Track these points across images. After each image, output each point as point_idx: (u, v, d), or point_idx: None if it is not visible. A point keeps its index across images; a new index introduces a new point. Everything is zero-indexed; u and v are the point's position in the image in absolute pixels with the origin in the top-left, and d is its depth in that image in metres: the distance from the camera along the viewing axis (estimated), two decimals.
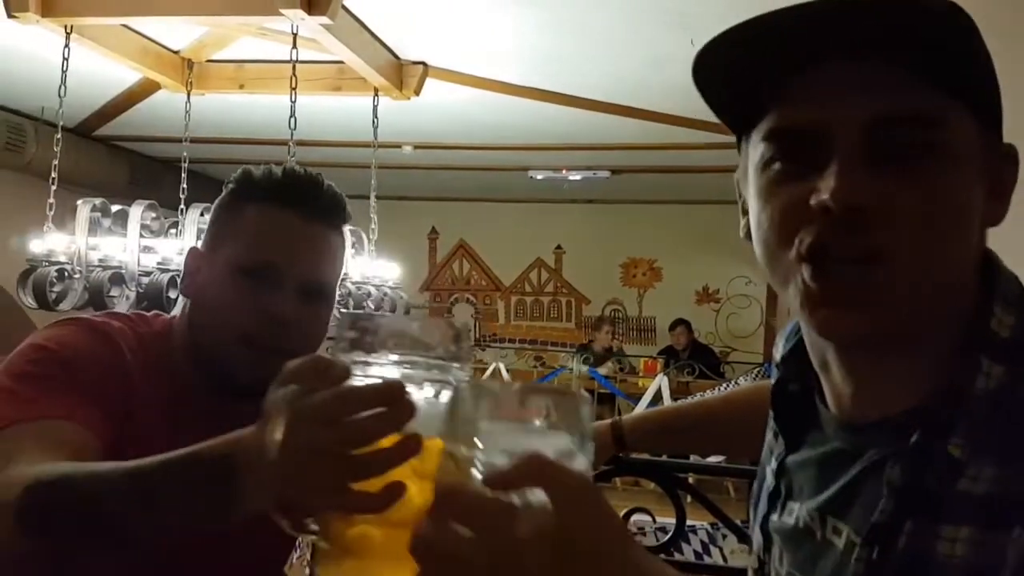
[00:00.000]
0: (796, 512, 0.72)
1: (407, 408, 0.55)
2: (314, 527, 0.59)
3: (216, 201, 1.10)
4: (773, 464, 0.77)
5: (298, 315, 1.00)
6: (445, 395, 0.58)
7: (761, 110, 0.63)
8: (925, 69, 0.57)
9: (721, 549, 2.63)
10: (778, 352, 0.78)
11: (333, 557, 0.59)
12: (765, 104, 0.62)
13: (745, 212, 0.69)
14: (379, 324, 0.61)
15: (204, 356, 1.02)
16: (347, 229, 1.10)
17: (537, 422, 0.53)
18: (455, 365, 0.60)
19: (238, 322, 0.99)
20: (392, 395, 0.56)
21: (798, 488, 0.73)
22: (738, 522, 1.53)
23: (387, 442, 0.56)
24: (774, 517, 0.76)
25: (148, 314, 1.11)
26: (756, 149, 0.64)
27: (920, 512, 0.59)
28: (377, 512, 0.55)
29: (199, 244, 1.12)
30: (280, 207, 1.02)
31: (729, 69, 0.62)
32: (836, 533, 0.66)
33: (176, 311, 1.13)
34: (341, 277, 1.10)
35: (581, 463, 0.53)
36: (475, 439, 0.52)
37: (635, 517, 1.39)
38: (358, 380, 0.58)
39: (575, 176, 7.04)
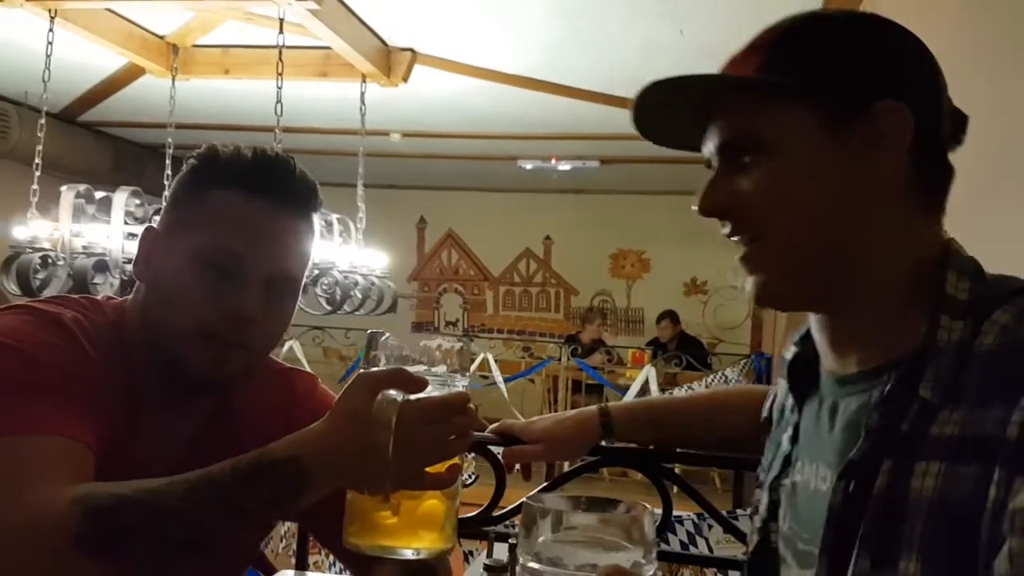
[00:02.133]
0: (798, 469, 0.82)
1: (472, 411, 0.79)
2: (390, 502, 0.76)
3: (176, 179, 1.00)
4: (789, 431, 0.86)
5: (263, 310, 0.94)
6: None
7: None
8: (749, 100, 0.75)
9: (707, 540, 2.63)
10: (788, 353, 0.88)
11: (382, 525, 0.78)
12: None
13: None
14: (402, 346, 0.81)
15: (161, 348, 0.94)
16: (318, 216, 1.02)
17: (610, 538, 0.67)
18: (459, 376, 0.81)
19: (199, 317, 0.92)
20: (466, 401, 0.79)
21: (803, 447, 0.83)
22: (724, 512, 1.52)
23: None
24: (785, 480, 0.84)
25: (98, 297, 1.02)
26: None
27: (895, 451, 0.67)
28: (448, 487, 0.79)
29: (155, 223, 1.01)
30: (247, 194, 0.94)
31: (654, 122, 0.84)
32: (822, 480, 0.76)
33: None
34: (310, 265, 1.03)
35: (649, 571, 0.67)
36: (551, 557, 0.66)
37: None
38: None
39: (564, 166, 7.03)
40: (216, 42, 4.63)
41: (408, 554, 0.78)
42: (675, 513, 1.35)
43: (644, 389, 6.29)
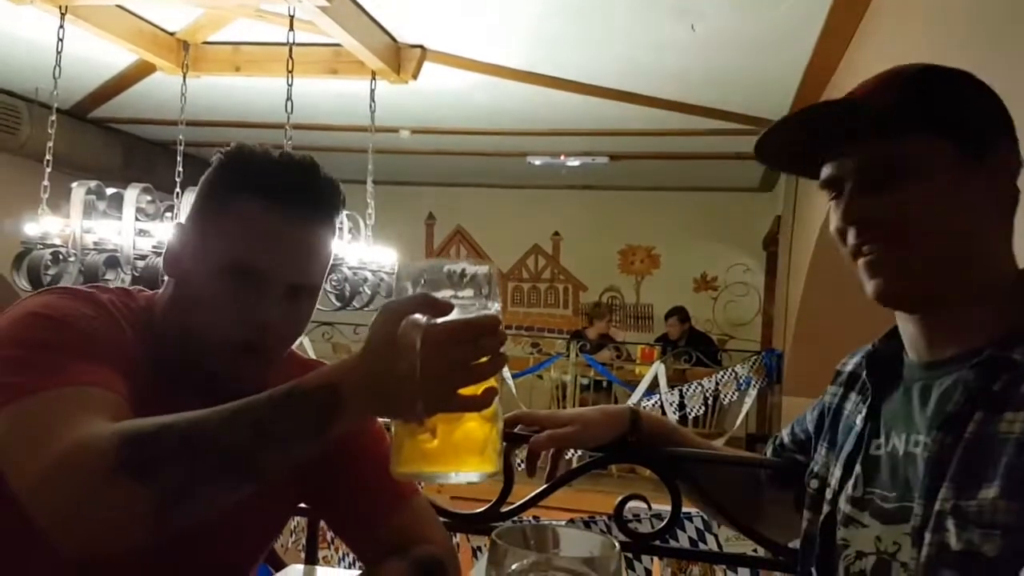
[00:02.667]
0: (884, 444, 0.93)
1: (503, 333, 0.77)
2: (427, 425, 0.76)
3: (204, 177, 1.03)
4: (863, 412, 0.98)
5: (283, 316, 0.98)
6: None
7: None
8: (886, 129, 0.87)
9: (716, 536, 2.63)
10: (846, 367, 1.09)
11: (423, 451, 0.77)
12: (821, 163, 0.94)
13: None
14: (436, 268, 0.79)
15: (185, 346, 0.99)
16: (339, 216, 1.04)
17: None
18: (489, 300, 0.79)
19: (221, 325, 0.96)
20: (496, 323, 0.77)
21: (886, 428, 0.94)
22: None
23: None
24: (869, 452, 0.95)
25: (131, 288, 1.07)
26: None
27: (987, 406, 0.79)
28: (483, 409, 0.77)
29: (185, 220, 1.05)
30: (270, 204, 0.96)
31: (788, 147, 0.96)
32: (915, 444, 0.88)
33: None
34: (331, 261, 1.06)
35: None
36: None
37: (631, 504, 1.38)
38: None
39: (573, 162, 7.02)
40: (226, 39, 4.64)
41: (451, 477, 0.79)
42: (684, 510, 1.34)
43: (653, 385, 6.28)
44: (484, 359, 0.76)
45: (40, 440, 0.79)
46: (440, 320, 0.75)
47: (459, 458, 0.79)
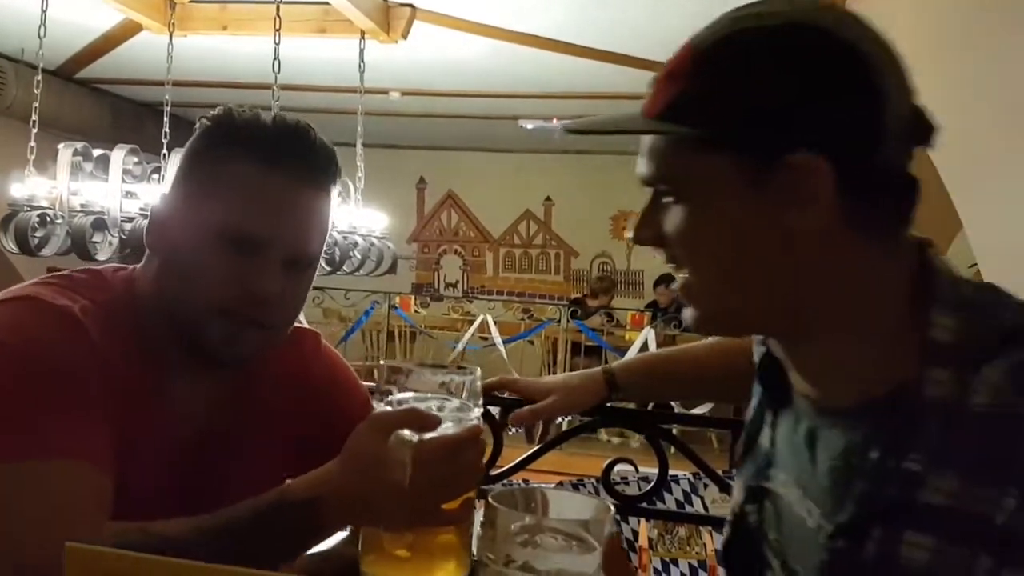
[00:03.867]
0: (780, 480, 0.81)
1: (483, 443, 0.79)
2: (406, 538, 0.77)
3: (190, 143, 0.95)
4: (768, 431, 0.84)
5: (282, 290, 0.91)
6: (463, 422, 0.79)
7: None
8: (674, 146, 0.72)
9: (703, 499, 2.66)
10: (756, 353, 0.88)
11: (398, 558, 0.77)
12: None
13: None
14: (417, 376, 0.80)
15: (177, 323, 0.91)
16: (336, 184, 0.98)
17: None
18: (472, 404, 0.79)
19: (217, 295, 0.89)
20: (478, 434, 0.78)
21: (782, 459, 0.81)
22: (720, 472, 1.54)
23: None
24: (767, 484, 0.83)
25: (104, 269, 0.97)
26: None
27: (884, 520, 0.65)
28: (462, 521, 0.78)
29: (168, 191, 0.96)
30: (267, 168, 0.90)
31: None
32: (808, 513, 0.75)
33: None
34: (328, 235, 1.00)
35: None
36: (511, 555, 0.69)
37: (618, 467, 1.39)
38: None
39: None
40: None
41: None
42: (671, 473, 1.35)
43: (643, 351, 6.31)
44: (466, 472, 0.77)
45: (11, 535, 0.73)
46: (428, 436, 0.75)
47: (432, 568, 0.79)
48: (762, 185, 0.67)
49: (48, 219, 3.80)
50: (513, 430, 1.28)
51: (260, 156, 0.90)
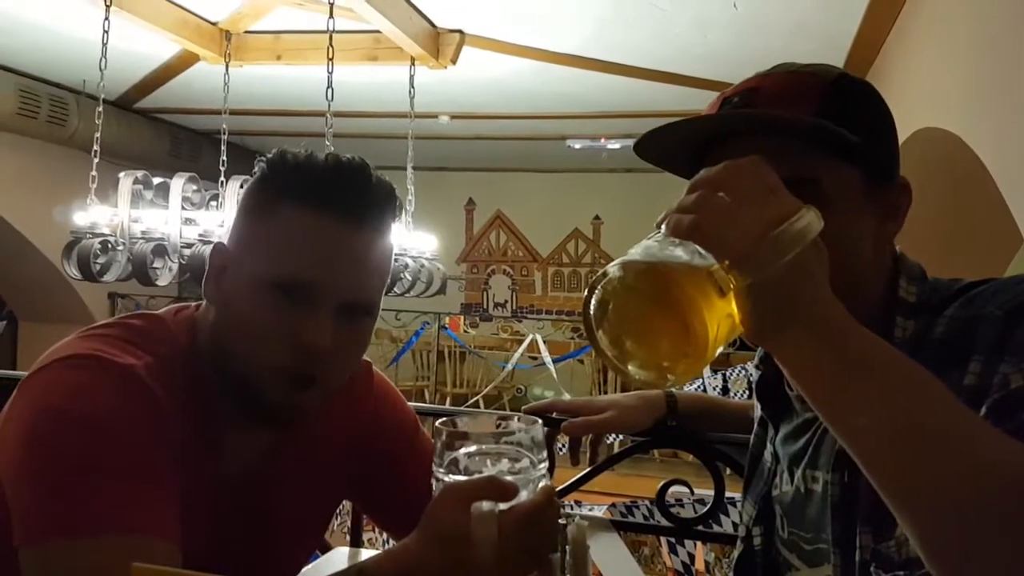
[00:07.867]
0: (786, 480, 0.90)
1: (557, 503, 0.76)
2: None
3: (246, 189, 0.92)
4: (771, 447, 0.94)
5: (337, 339, 0.86)
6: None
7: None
8: (804, 146, 0.78)
9: None
10: (754, 375, 0.98)
11: None
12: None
13: None
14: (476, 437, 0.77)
15: (232, 380, 0.89)
16: (396, 223, 0.93)
17: None
18: (537, 460, 0.78)
19: (270, 351, 0.85)
20: (552, 494, 0.75)
21: (785, 461, 0.91)
22: None
23: None
24: (774, 492, 0.92)
25: (166, 314, 0.95)
26: None
27: None
28: None
29: (225, 239, 0.94)
30: (319, 210, 0.85)
31: (672, 146, 0.85)
32: (815, 481, 0.85)
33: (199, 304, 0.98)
34: (388, 280, 0.94)
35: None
36: None
37: (673, 489, 1.37)
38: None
39: (614, 144, 6.96)
40: (267, 28, 4.68)
41: None
42: (728, 494, 1.33)
43: None
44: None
45: None
46: (506, 505, 0.73)
47: None
48: (872, 196, 0.80)
49: (109, 246, 3.91)
50: (562, 447, 1.27)
51: (311, 199, 0.86)
